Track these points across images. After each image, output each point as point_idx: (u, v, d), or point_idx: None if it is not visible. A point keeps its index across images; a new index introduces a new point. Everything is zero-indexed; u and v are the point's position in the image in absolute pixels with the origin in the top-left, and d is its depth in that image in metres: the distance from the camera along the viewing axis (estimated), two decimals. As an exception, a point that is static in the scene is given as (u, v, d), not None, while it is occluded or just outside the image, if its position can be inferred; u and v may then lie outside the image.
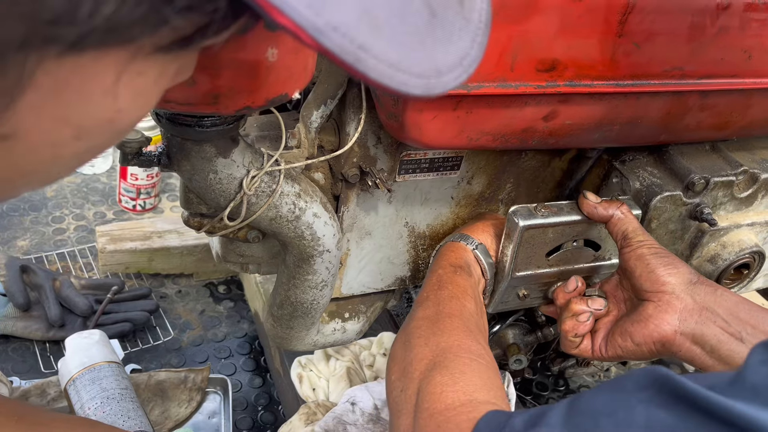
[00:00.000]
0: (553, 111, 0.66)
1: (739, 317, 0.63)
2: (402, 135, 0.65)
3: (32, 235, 1.32)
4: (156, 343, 1.14)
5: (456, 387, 0.56)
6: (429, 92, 0.28)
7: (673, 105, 0.71)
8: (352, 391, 0.96)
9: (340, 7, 0.24)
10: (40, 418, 0.68)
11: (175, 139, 0.61)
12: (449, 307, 0.66)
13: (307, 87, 0.69)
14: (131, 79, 0.26)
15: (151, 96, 0.29)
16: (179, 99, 0.49)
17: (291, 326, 0.80)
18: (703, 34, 0.66)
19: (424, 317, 0.66)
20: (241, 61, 0.48)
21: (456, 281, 0.70)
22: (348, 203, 0.76)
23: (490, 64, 0.60)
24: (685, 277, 0.66)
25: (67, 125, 0.26)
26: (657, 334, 0.65)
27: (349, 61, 0.25)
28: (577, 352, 0.73)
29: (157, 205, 1.44)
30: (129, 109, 0.28)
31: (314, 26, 0.23)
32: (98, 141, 0.29)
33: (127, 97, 0.27)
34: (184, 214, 0.70)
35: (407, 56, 0.27)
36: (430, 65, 0.28)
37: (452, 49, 0.29)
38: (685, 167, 0.79)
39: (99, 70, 0.25)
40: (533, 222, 0.71)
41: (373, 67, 0.25)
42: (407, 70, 0.27)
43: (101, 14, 0.22)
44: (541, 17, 0.59)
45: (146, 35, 0.24)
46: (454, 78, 0.29)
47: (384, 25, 0.26)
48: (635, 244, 0.69)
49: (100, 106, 0.26)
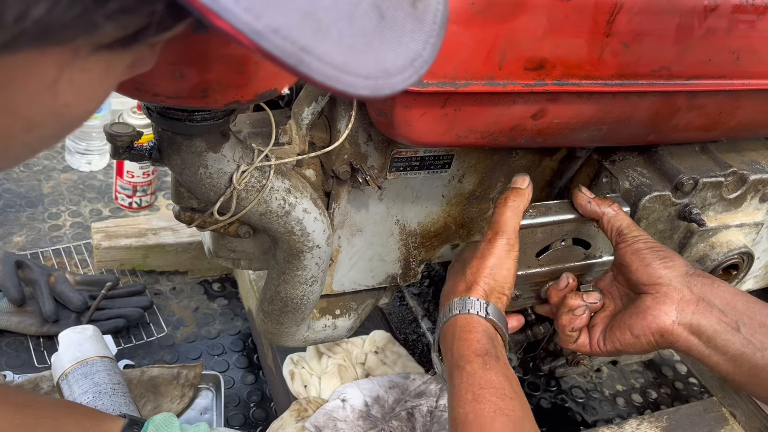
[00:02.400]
0: (541, 109, 0.67)
1: (735, 308, 0.64)
2: (392, 132, 0.66)
3: (28, 231, 1.33)
4: (149, 340, 1.14)
5: None
6: (377, 93, 0.28)
7: (661, 105, 0.72)
8: (343, 389, 0.96)
9: (280, 10, 0.24)
10: (22, 398, 0.69)
11: (166, 133, 0.61)
12: (494, 427, 0.61)
13: (299, 83, 0.70)
14: (74, 75, 0.26)
15: (97, 90, 0.29)
16: (168, 92, 0.49)
17: (281, 321, 0.80)
18: (691, 35, 0.67)
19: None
20: (229, 55, 0.49)
21: (491, 382, 0.63)
22: (339, 200, 0.77)
23: (478, 62, 0.61)
24: (682, 269, 0.67)
25: (16, 118, 0.27)
26: (655, 325, 0.66)
27: (291, 63, 0.25)
28: (575, 347, 0.73)
29: (153, 203, 1.45)
30: (76, 104, 0.28)
31: (253, 29, 0.23)
32: (48, 132, 0.29)
33: (71, 92, 0.27)
34: (175, 209, 0.70)
35: (354, 58, 0.27)
36: (378, 67, 0.28)
37: (402, 51, 0.29)
38: (675, 168, 0.80)
39: (39, 68, 0.25)
40: (522, 223, 0.72)
41: (317, 69, 0.26)
42: (354, 71, 0.27)
43: (30, 18, 0.22)
44: (529, 16, 0.60)
45: (81, 37, 0.24)
46: (403, 79, 0.29)
47: (329, 28, 0.26)
48: (630, 240, 0.70)
49: (45, 101, 0.27)
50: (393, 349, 1.06)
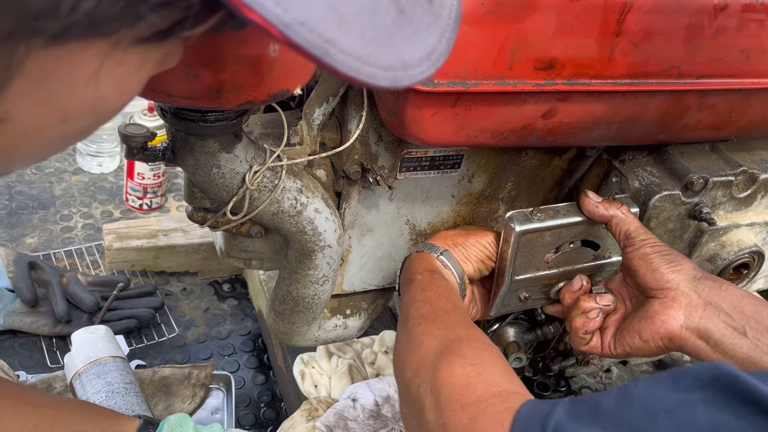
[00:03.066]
0: (551, 109, 0.67)
1: (743, 312, 0.64)
2: (402, 132, 0.66)
3: (41, 232, 1.34)
4: (161, 340, 1.15)
5: (481, 378, 0.55)
6: (396, 84, 0.30)
7: (671, 104, 0.72)
8: (353, 388, 0.97)
9: (307, 4, 0.26)
10: (39, 398, 0.70)
11: (180, 134, 0.62)
12: (442, 304, 0.67)
13: (310, 84, 0.70)
14: (113, 67, 0.28)
15: (132, 83, 0.31)
16: (183, 93, 0.50)
17: (292, 321, 0.81)
18: (701, 34, 0.67)
19: (421, 315, 0.66)
20: (243, 56, 0.50)
21: (437, 282, 0.70)
22: (350, 200, 0.77)
23: (488, 62, 0.61)
24: (689, 273, 0.67)
25: (54, 110, 0.28)
26: (663, 330, 0.66)
27: (317, 55, 0.26)
28: (587, 349, 0.73)
29: (164, 204, 1.46)
30: (111, 96, 0.30)
31: (282, 22, 0.25)
32: (83, 124, 0.31)
33: (109, 84, 0.28)
34: (188, 209, 0.71)
35: (375, 51, 0.29)
36: (397, 59, 0.30)
37: (420, 45, 0.31)
38: (684, 167, 0.80)
39: (82, 60, 0.27)
40: (530, 227, 0.72)
41: (341, 60, 0.27)
42: (375, 63, 0.28)
43: (81, 9, 0.24)
44: (539, 16, 0.60)
45: (125, 28, 0.26)
46: (421, 71, 0.31)
47: (352, 22, 0.27)
48: (638, 243, 0.69)
49: (84, 93, 0.28)
50: (403, 349, 1.06)
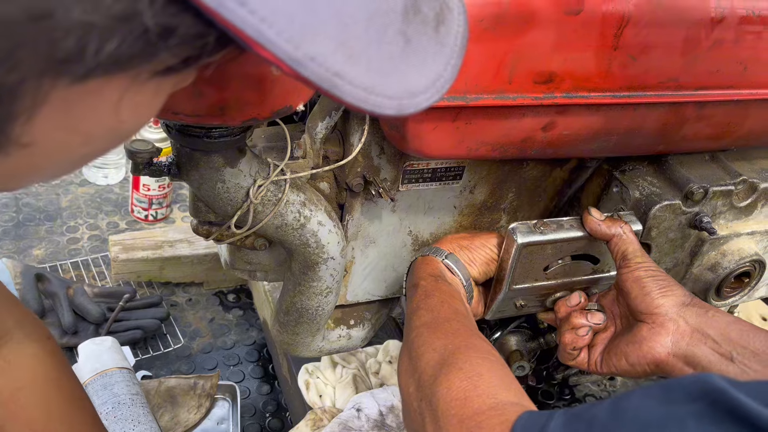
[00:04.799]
0: (551, 122, 0.68)
1: (729, 338, 0.65)
2: (404, 145, 0.67)
3: (47, 244, 1.35)
4: (166, 350, 1.16)
5: (478, 390, 0.56)
6: (401, 112, 0.31)
7: (669, 116, 0.73)
8: (357, 398, 0.97)
9: (317, 40, 0.27)
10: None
11: (185, 149, 0.63)
12: (444, 312, 0.67)
13: (313, 99, 0.72)
14: (132, 97, 0.29)
15: (150, 107, 0.32)
16: (187, 111, 0.51)
17: (297, 332, 0.81)
18: (698, 47, 0.68)
19: (422, 325, 0.67)
20: (246, 74, 0.51)
21: (440, 288, 0.71)
22: (352, 212, 0.78)
23: (488, 76, 0.62)
24: (678, 300, 0.67)
25: (76, 134, 0.30)
26: (651, 356, 0.67)
27: (326, 87, 0.28)
28: (575, 364, 0.74)
29: (169, 215, 1.47)
30: (130, 120, 0.31)
31: (293, 58, 0.26)
32: (102, 146, 0.33)
33: (127, 111, 0.30)
34: (193, 223, 0.72)
35: (381, 81, 0.30)
36: (403, 88, 0.31)
37: (426, 72, 0.32)
38: (684, 176, 0.81)
39: (104, 93, 0.28)
40: (532, 239, 0.72)
41: (349, 92, 0.28)
42: (381, 93, 0.30)
43: (105, 52, 0.25)
44: (538, 31, 0.61)
45: (144, 64, 0.27)
46: (426, 98, 0.32)
47: (360, 55, 0.29)
48: (633, 266, 0.70)
49: (105, 120, 0.30)
50: (407, 359, 1.07)
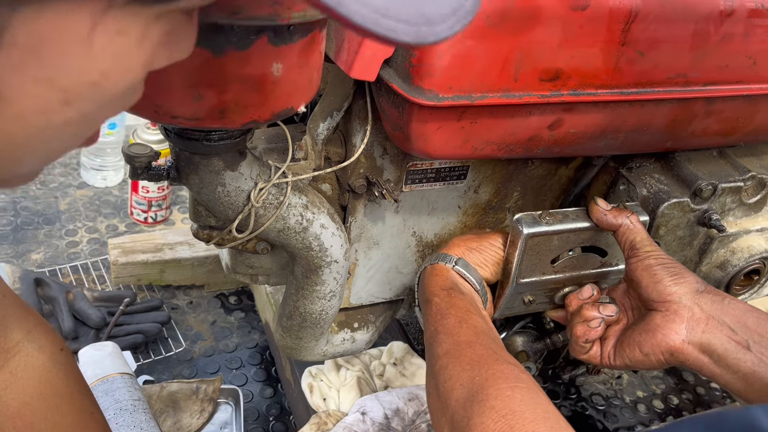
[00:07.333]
0: (557, 120, 0.67)
1: (746, 325, 0.63)
2: (407, 146, 0.66)
3: (46, 248, 1.34)
4: (168, 355, 1.15)
5: (514, 431, 0.54)
6: (420, 40, 0.27)
7: (678, 112, 0.71)
8: (362, 401, 0.96)
9: None
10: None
11: (184, 153, 0.62)
12: (463, 334, 0.65)
13: (314, 99, 0.70)
14: (111, 36, 0.26)
15: (134, 59, 0.28)
16: (186, 114, 0.50)
17: (300, 336, 0.80)
18: (707, 41, 0.67)
19: (445, 353, 0.64)
20: (246, 76, 0.49)
21: (455, 304, 0.69)
22: (355, 214, 0.77)
23: (493, 75, 0.61)
24: (692, 287, 0.66)
25: (52, 88, 0.26)
26: (665, 344, 0.65)
27: (330, 4, 0.24)
28: (586, 358, 0.73)
29: (168, 218, 1.45)
30: (112, 72, 0.27)
31: None
32: (88, 108, 0.29)
33: (107, 57, 0.26)
34: (194, 227, 0.70)
35: (394, 2, 0.26)
36: (419, 13, 0.27)
37: (444, 1, 0.28)
38: (693, 173, 0.79)
39: (73, 23, 0.25)
40: (538, 230, 0.72)
41: (356, 11, 0.24)
42: (394, 16, 0.26)
43: None
44: (544, 28, 0.60)
45: None
46: (447, 28, 0.28)
47: None
48: (642, 255, 0.68)
49: (80, 64, 0.26)
50: (411, 361, 1.06)
